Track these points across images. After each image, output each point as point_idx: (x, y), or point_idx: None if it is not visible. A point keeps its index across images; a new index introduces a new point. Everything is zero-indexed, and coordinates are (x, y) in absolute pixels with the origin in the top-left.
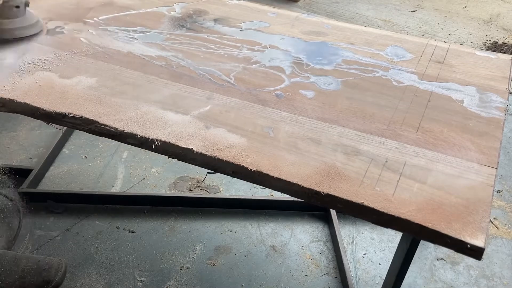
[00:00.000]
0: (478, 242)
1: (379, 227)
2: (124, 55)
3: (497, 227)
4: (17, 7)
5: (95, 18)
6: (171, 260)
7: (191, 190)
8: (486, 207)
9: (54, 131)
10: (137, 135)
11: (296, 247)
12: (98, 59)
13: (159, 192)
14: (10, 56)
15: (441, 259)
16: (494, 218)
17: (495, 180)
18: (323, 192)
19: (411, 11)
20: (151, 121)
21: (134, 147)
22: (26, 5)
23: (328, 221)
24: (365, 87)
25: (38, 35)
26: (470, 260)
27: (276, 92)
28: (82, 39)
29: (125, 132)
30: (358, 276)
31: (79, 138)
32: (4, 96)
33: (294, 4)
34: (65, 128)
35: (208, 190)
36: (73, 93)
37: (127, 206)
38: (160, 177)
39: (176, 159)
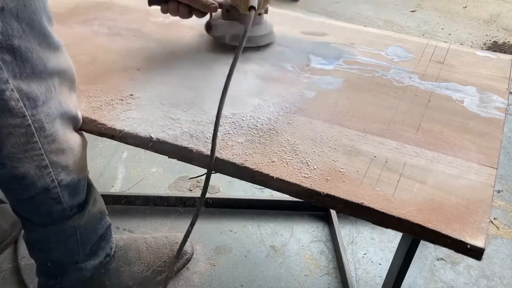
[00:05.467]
0: (478, 242)
1: (379, 227)
2: None
3: (497, 227)
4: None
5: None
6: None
7: (191, 190)
8: (486, 207)
9: None
10: (137, 135)
11: (296, 247)
12: None
13: (159, 192)
14: None
15: (441, 259)
16: (494, 218)
17: (495, 180)
18: (323, 192)
19: (411, 11)
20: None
21: (134, 147)
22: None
23: (328, 221)
24: (365, 87)
25: None
26: (470, 260)
27: (276, 92)
28: None
29: (125, 132)
30: (358, 276)
31: None
32: None
33: (294, 4)
34: None
35: (208, 190)
36: None
37: (127, 206)
38: (160, 177)
39: (176, 159)
